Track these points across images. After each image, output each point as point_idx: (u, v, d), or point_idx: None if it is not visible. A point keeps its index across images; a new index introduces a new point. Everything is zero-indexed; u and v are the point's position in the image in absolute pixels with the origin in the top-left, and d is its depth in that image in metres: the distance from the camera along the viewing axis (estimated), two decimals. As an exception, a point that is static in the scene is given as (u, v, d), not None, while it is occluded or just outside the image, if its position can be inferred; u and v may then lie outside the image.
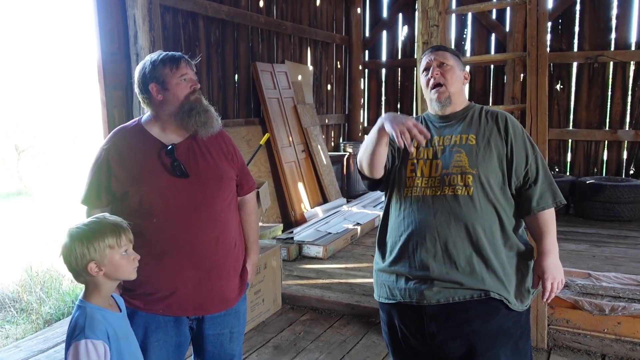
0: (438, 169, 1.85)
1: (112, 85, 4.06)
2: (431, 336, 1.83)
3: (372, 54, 8.66)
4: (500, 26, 7.61)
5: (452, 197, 1.80)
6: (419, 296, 1.81)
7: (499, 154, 1.85)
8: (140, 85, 1.94)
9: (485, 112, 1.95)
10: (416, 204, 1.84)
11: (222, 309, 2.01)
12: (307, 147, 6.83)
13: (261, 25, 6.25)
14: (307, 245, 5.14)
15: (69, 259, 1.63)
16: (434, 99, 1.93)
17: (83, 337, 1.58)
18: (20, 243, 6.26)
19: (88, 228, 1.64)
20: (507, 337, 1.83)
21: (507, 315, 1.82)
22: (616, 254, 5.09)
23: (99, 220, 1.67)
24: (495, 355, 1.81)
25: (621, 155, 7.22)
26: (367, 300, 3.91)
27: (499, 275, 1.80)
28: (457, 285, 1.78)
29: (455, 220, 1.78)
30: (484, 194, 1.81)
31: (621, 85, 7.13)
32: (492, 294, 1.78)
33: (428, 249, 1.80)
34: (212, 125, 1.95)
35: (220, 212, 1.96)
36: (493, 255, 1.80)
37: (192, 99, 1.92)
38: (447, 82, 1.91)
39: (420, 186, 1.85)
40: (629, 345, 3.11)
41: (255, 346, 3.40)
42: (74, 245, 1.62)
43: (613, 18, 7.07)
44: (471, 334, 1.80)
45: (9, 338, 3.79)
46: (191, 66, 1.96)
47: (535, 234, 1.91)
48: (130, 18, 4.15)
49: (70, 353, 1.58)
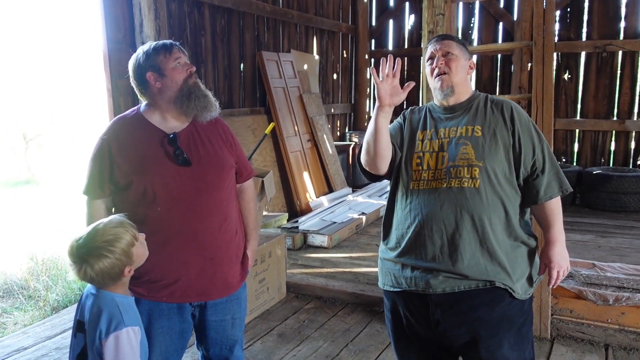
0: (444, 161, 1.84)
1: (117, 74, 4.06)
2: (436, 323, 1.84)
3: (378, 43, 8.61)
4: (508, 15, 7.54)
5: (458, 189, 1.80)
6: (425, 285, 1.82)
7: (505, 145, 1.84)
8: (136, 76, 1.95)
9: (490, 101, 1.94)
10: (423, 196, 1.85)
11: (225, 294, 2.03)
12: (313, 137, 6.82)
13: (267, 14, 6.23)
14: (312, 234, 5.15)
15: (102, 277, 1.64)
16: (437, 87, 1.93)
17: (123, 326, 1.63)
18: (28, 231, 6.32)
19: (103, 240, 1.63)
20: (510, 324, 1.85)
21: (511, 303, 1.84)
22: (622, 244, 5.08)
23: (103, 228, 1.65)
24: (499, 341, 1.83)
25: (629, 146, 7.17)
26: (371, 289, 3.92)
27: (504, 266, 1.81)
28: (463, 277, 1.79)
29: (462, 212, 1.79)
30: (491, 186, 1.81)
31: (630, 75, 7.06)
32: (497, 283, 1.80)
33: (434, 241, 1.81)
34: (211, 109, 1.96)
35: (222, 199, 1.98)
36: (498, 246, 1.80)
37: (191, 83, 1.93)
38: (452, 71, 1.90)
39: (427, 179, 1.85)
40: (632, 335, 3.11)
41: (259, 334, 3.42)
42: (102, 262, 1.62)
43: (622, 6, 6.99)
44: (476, 321, 1.82)
45: (17, 324, 3.84)
46: (184, 52, 1.98)
47: (542, 223, 1.92)
48: (135, 6, 4.15)
49: (110, 343, 1.61)
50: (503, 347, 1.83)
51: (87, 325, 1.68)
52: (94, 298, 1.69)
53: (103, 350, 1.61)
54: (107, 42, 4.05)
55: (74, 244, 1.64)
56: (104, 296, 1.67)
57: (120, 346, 1.61)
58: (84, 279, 1.66)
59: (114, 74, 4.07)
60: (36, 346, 3.31)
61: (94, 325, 1.65)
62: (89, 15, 4.26)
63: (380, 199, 6.60)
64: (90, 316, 1.67)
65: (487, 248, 1.79)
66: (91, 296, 1.71)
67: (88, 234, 1.65)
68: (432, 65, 1.94)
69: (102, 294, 1.68)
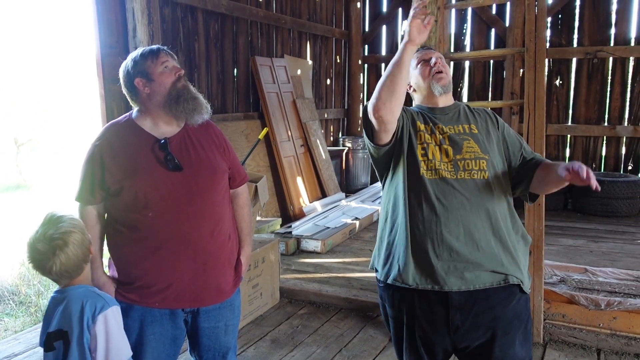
0: (449, 154, 1.86)
1: (110, 78, 4.05)
2: (455, 328, 1.84)
3: (371, 49, 8.64)
4: (500, 21, 7.59)
5: (470, 180, 1.84)
6: (442, 282, 1.80)
7: (497, 142, 1.94)
8: (126, 84, 1.96)
9: (472, 108, 2.04)
10: (435, 186, 1.83)
11: (218, 300, 2.02)
12: (306, 142, 6.83)
13: (260, 19, 6.24)
14: (306, 239, 5.15)
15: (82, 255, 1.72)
16: (438, 83, 1.95)
17: (108, 306, 1.71)
18: (19, 236, 6.27)
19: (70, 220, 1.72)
20: (520, 322, 1.88)
21: (520, 299, 1.88)
22: (613, 249, 5.11)
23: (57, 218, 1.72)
24: (512, 339, 1.86)
25: (620, 151, 7.23)
26: (365, 294, 3.93)
27: (515, 257, 1.85)
28: (479, 267, 1.80)
29: (474, 203, 1.82)
30: (496, 179, 1.87)
31: (620, 81, 7.13)
32: (510, 279, 1.83)
33: (452, 231, 1.80)
34: (202, 112, 1.95)
35: (215, 204, 1.97)
36: (508, 237, 1.85)
37: (179, 86, 1.93)
38: (447, 71, 2.00)
39: (435, 168, 1.85)
40: (624, 339, 3.12)
41: (252, 340, 3.41)
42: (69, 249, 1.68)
43: (613, 13, 7.06)
44: (493, 320, 1.84)
45: (8, 330, 3.81)
46: (172, 56, 1.97)
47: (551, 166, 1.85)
48: (129, 11, 4.14)
49: (100, 324, 1.68)
50: (515, 345, 1.86)
51: (71, 326, 1.68)
52: (65, 299, 1.71)
53: (94, 334, 1.67)
54: (100, 46, 4.04)
55: (39, 237, 1.67)
56: (76, 291, 1.72)
57: (109, 324, 1.69)
58: (56, 273, 1.69)
59: (107, 78, 4.06)
60: (27, 352, 3.29)
61: (78, 319, 1.68)
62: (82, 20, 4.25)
63: (373, 204, 6.61)
64: (71, 315, 1.68)
65: (500, 238, 1.83)
66: (59, 299, 1.73)
67: (47, 222, 1.70)
68: (426, 66, 1.98)
69: (72, 290, 1.72)
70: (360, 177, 7.96)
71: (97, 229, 1.97)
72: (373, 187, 7.50)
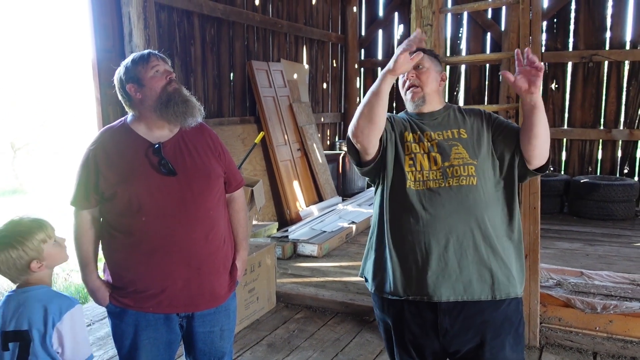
0: (437, 161, 1.85)
1: (106, 83, 4.02)
2: (444, 332, 1.84)
3: (368, 53, 8.66)
4: (495, 25, 7.62)
5: (457, 187, 1.82)
6: (431, 292, 1.81)
7: (488, 143, 1.90)
8: (120, 90, 1.98)
9: (463, 109, 2.00)
10: (422, 197, 1.84)
11: (212, 305, 2.01)
12: (303, 146, 6.83)
13: (257, 23, 6.25)
14: (302, 243, 5.15)
15: (7, 266, 1.71)
16: (409, 99, 1.97)
17: (73, 305, 1.74)
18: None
19: (14, 231, 1.72)
20: (510, 325, 1.87)
21: (510, 303, 1.87)
22: (609, 252, 5.12)
23: (18, 221, 1.75)
24: (502, 342, 1.85)
25: (615, 155, 7.24)
26: (361, 298, 3.92)
27: (505, 262, 1.84)
28: (468, 276, 1.80)
29: (463, 210, 1.80)
30: (487, 184, 1.85)
31: (616, 85, 7.15)
32: (497, 294, 1.82)
33: (439, 240, 1.80)
34: (193, 115, 1.95)
35: (209, 209, 1.96)
36: (498, 242, 1.84)
37: (170, 90, 1.92)
38: (422, 83, 1.94)
39: (423, 179, 1.85)
40: (620, 343, 3.12)
41: (249, 344, 3.40)
42: (7, 252, 1.69)
43: (608, 17, 7.09)
44: (482, 324, 1.84)
45: None
46: (164, 60, 1.98)
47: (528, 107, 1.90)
48: (125, 16, 4.14)
49: (66, 323, 1.70)
50: (505, 348, 1.86)
51: (31, 326, 1.68)
52: (25, 299, 1.71)
53: (61, 332, 1.70)
54: (97, 51, 4.04)
55: None
56: (37, 291, 1.74)
57: (76, 321, 1.73)
58: None
59: (103, 83, 4.06)
60: None
61: (42, 319, 1.69)
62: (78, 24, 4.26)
63: (370, 208, 6.60)
64: (32, 315, 1.69)
65: (489, 244, 1.82)
66: (15, 299, 1.73)
67: (4, 225, 1.74)
68: (403, 78, 1.97)
69: (32, 291, 1.73)
70: (357, 181, 7.96)
71: (91, 233, 1.97)
72: (369, 191, 7.50)
